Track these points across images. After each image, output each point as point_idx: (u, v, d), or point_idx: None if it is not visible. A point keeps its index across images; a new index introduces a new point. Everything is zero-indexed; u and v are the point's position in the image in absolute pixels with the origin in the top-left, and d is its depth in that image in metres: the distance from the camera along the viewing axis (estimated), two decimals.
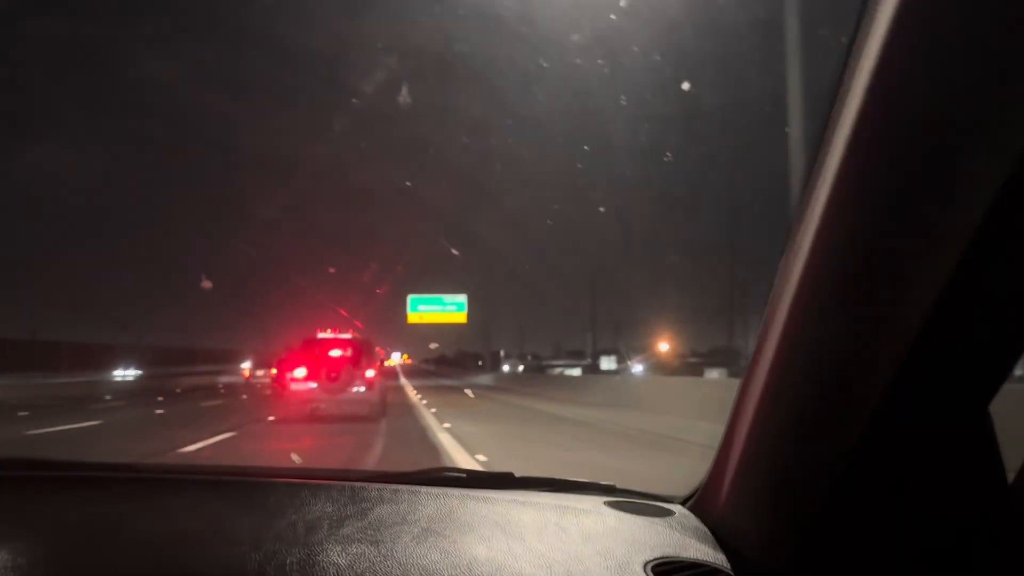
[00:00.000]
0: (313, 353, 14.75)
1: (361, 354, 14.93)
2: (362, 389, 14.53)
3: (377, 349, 18.23)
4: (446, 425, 12.74)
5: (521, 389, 28.66)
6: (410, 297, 53.99)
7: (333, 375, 14.36)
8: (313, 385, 14.38)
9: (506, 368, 59.67)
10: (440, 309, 53.97)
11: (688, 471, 1.57)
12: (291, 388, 14.79)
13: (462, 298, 55.13)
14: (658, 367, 47.16)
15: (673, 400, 14.76)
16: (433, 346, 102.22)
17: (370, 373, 14.68)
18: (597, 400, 19.12)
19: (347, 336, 15.63)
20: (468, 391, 29.67)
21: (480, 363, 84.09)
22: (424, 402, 20.77)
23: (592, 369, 52.58)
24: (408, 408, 18.04)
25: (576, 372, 51.46)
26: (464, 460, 8.06)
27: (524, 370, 56.47)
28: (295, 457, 7.45)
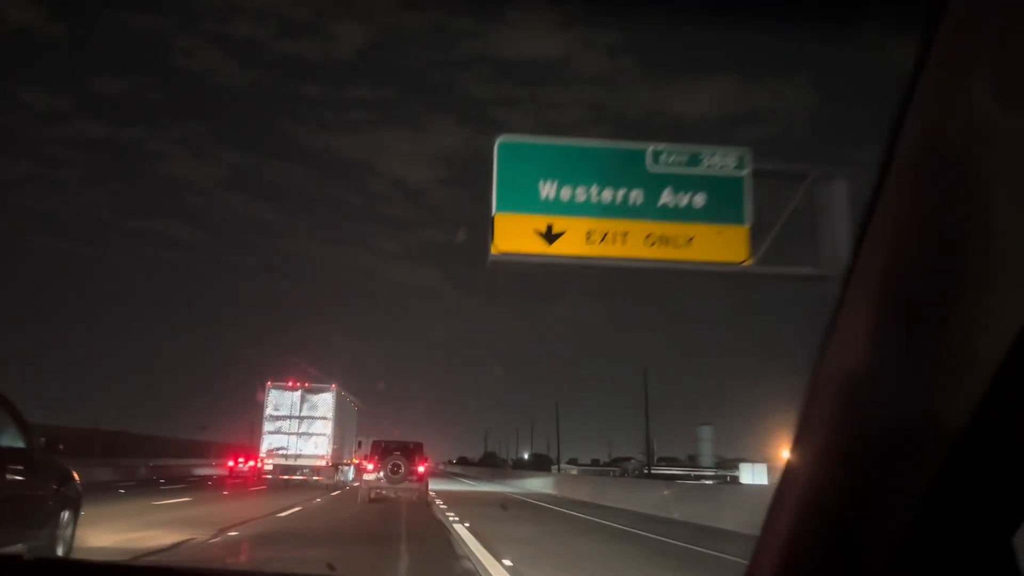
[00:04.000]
0: (381, 452, 20.59)
1: (414, 455, 20.59)
2: (413, 480, 19.98)
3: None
4: None
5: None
6: (499, 144, 10.88)
7: (395, 468, 19.66)
8: (380, 476, 19.89)
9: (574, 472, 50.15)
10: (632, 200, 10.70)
11: None
12: (364, 477, 20.90)
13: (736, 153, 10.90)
14: None
15: None
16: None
17: (421, 469, 20.46)
18: None
19: (405, 441, 21.46)
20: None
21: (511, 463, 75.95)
22: None
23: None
24: None
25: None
26: None
27: (577, 474, 48.63)
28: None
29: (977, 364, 0.77)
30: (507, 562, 8.64)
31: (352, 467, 34.13)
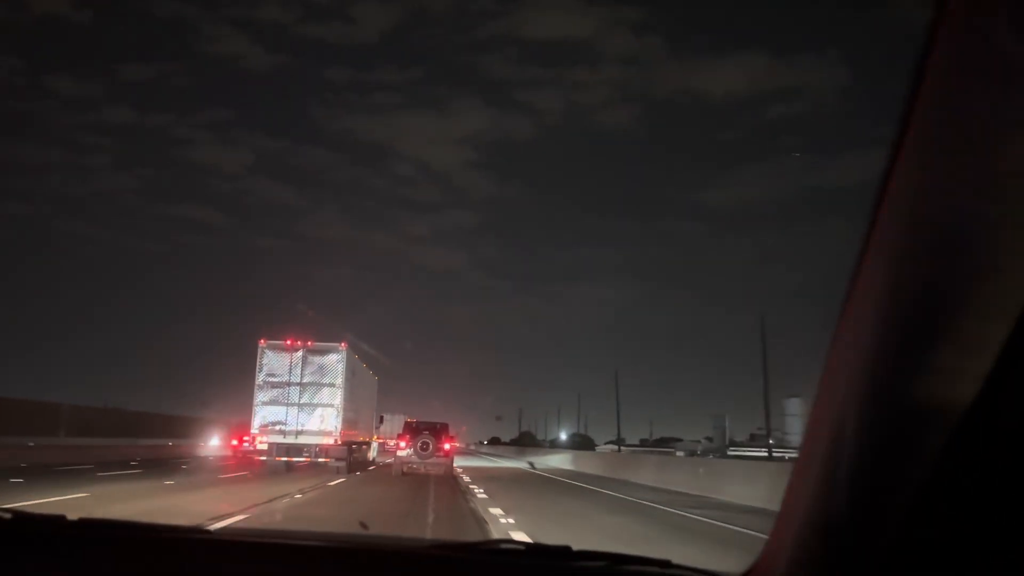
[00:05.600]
0: (412, 431, 22.90)
1: (441, 434, 22.85)
2: (440, 457, 22.43)
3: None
4: None
5: None
6: None
7: (424, 446, 22.11)
8: (411, 451, 22.22)
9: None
10: None
11: None
12: (397, 454, 23.08)
13: None
14: None
15: None
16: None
17: (447, 447, 22.80)
18: None
19: (433, 422, 23.60)
20: None
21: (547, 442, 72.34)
22: None
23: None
24: None
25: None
26: None
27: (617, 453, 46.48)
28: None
29: (983, 346, 0.78)
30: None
31: (376, 445, 33.17)
